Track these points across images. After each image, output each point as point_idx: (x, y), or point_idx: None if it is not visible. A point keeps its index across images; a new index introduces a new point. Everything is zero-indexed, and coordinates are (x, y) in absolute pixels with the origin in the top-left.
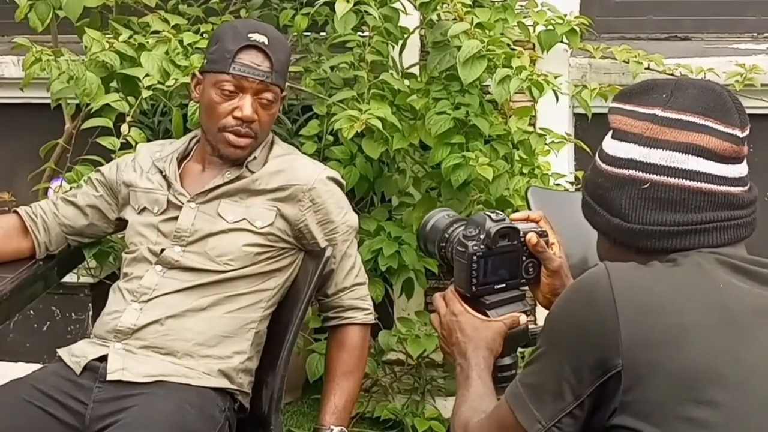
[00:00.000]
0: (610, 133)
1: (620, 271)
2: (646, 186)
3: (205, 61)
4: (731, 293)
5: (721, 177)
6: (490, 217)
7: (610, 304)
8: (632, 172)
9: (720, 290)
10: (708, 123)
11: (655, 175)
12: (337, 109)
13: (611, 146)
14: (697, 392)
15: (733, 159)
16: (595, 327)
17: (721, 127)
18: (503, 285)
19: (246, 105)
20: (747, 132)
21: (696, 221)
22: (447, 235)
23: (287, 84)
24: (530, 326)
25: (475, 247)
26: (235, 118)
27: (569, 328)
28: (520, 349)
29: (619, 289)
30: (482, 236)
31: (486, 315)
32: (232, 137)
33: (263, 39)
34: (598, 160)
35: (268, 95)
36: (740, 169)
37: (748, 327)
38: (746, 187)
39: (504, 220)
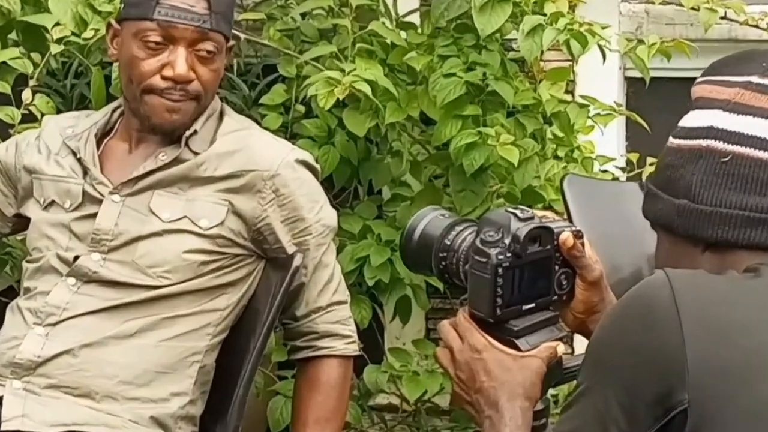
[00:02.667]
0: (691, 107)
1: (686, 279)
2: (726, 159)
3: (122, 5)
4: None
5: None
6: (515, 215)
7: (674, 322)
8: (710, 143)
9: None
10: None
11: (738, 146)
12: (310, 70)
13: (689, 118)
14: None
15: None
16: (655, 352)
17: None
18: (533, 305)
19: (178, 60)
20: None
21: None
22: (449, 242)
23: (239, 33)
24: (565, 358)
25: (501, 256)
26: (164, 78)
27: (619, 354)
28: (551, 391)
29: (685, 303)
30: (508, 241)
31: (515, 347)
32: (162, 101)
33: None
34: (670, 138)
35: (208, 45)
36: None
37: None
38: None
39: (533, 218)
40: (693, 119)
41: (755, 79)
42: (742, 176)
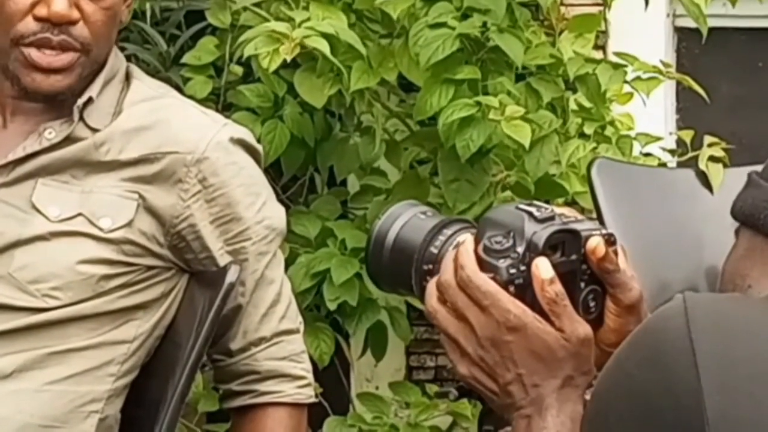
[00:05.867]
0: None
1: (708, 305)
2: None
3: None
4: None
5: None
6: (530, 214)
7: (688, 363)
8: None
9: None
10: None
11: None
12: (249, 19)
13: None
14: None
15: None
16: (665, 402)
17: None
18: None
19: None
20: None
21: None
22: (436, 251)
23: None
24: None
25: (512, 270)
26: (38, 19)
27: (624, 404)
28: None
29: (702, 338)
30: (521, 249)
31: None
32: (36, 54)
33: None
34: None
35: None
36: None
37: None
38: None
39: (553, 218)
40: None
41: None
42: None
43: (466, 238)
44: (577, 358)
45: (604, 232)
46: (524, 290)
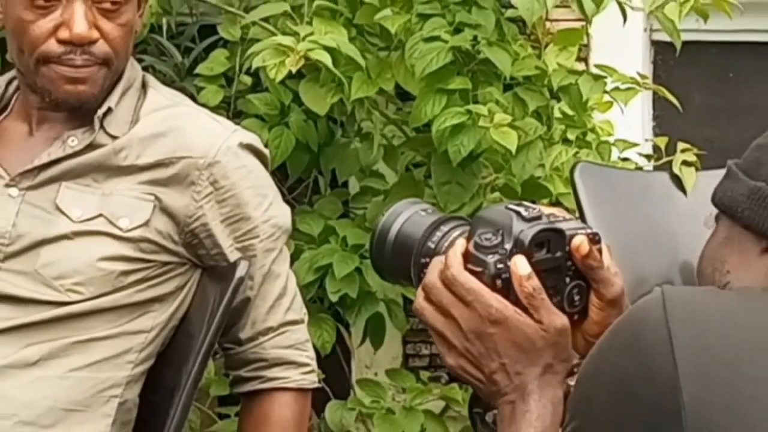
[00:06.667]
0: None
1: (685, 297)
2: None
3: None
4: None
5: None
6: (518, 213)
7: (665, 350)
8: None
9: None
10: None
11: None
12: (258, 33)
13: None
14: None
15: None
16: (644, 388)
17: None
18: None
19: (75, 17)
20: None
21: None
22: (433, 245)
23: None
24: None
25: (500, 265)
26: (61, 41)
27: (606, 391)
28: None
29: (679, 326)
30: (509, 246)
31: None
32: (63, 69)
33: None
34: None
35: None
36: None
37: None
38: None
39: (540, 217)
40: None
41: None
42: None
43: (458, 241)
44: (555, 347)
45: (589, 231)
46: (510, 284)
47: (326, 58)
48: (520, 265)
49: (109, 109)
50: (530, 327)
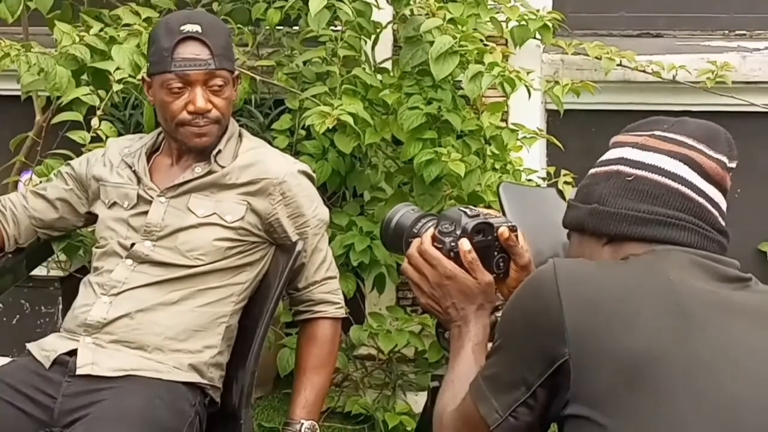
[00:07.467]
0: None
1: (567, 264)
2: (630, 178)
3: (149, 64)
4: (682, 286)
5: (702, 190)
6: (465, 212)
7: (554, 295)
8: (620, 167)
9: (670, 282)
10: (701, 146)
11: (641, 171)
12: (309, 104)
13: (605, 155)
14: (644, 379)
15: (717, 183)
16: (541, 318)
17: (711, 152)
18: None
19: (197, 98)
20: (734, 165)
21: (669, 215)
22: (416, 231)
23: (255, 75)
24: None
25: (453, 243)
26: (190, 113)
27: (519, 320)
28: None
29: (563, 280)
30: (458, 232)
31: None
32: (192, 129)
33: (196, 28)
34: (590, 171)
35: (217, 81)
36: (720, 198)
37: (697, 318)
38: (722, 219)
39: (479, 215)
40: (608, 155)
41: (658, 132)
42: (640, 191)
43: (429, 229)
44: (485, 294)
45: (509, 224)
46: (458, 255)
47: (350, 119)
48: (465, 245)
49: (219, 150)
50: (470, 281)
